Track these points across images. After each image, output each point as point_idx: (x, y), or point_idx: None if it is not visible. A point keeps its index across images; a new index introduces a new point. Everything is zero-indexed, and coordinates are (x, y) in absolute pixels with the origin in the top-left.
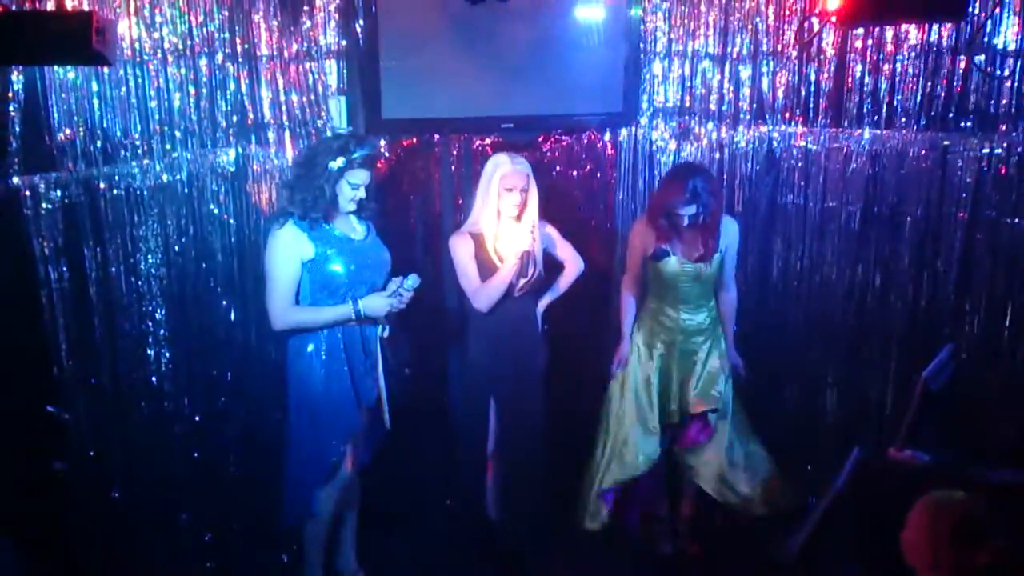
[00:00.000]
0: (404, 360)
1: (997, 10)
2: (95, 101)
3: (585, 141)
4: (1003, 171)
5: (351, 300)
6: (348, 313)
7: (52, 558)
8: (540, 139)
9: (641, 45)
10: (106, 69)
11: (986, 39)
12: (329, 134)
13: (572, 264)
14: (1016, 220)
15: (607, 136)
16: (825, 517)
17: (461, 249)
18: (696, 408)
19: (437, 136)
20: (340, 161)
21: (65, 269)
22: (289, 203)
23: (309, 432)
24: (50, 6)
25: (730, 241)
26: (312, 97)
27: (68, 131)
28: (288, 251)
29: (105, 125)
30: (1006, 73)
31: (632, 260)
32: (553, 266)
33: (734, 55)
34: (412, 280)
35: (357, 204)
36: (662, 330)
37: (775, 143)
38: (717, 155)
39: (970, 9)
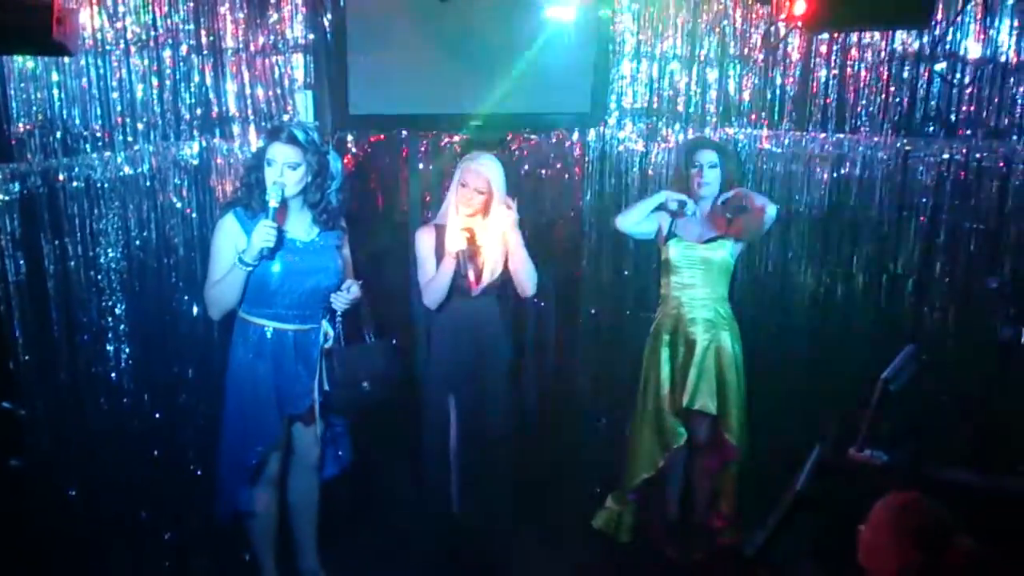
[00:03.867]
0: (366, 373)
1: (959, 19)
2: (55, 91)
3: (554, 140)
4: (962, 176)
5: (238, 257)
6: (239, 270)
7: (7, 557)
8: (509, 137)
9: (610, 46)
10: (67, 59)
11: (948, 47)
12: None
13: (518, 277)
14: (975, 224)
15: (575, 136)
16: (785, 515)
17: (423, 241)
18: (686, 402)
19: (405, 132)
20: (262, 141)
21: (22, 262)
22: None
23: (236, 432)
24: None
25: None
26: (278, 91)
27: (27, 122)
28: (222, 239)
29: (65, 116)
30: (966, 80)
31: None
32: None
33: (702, 58)
34: (355, 289)
35: (282, 191)
36: (668, 319)
37: (741, 145)
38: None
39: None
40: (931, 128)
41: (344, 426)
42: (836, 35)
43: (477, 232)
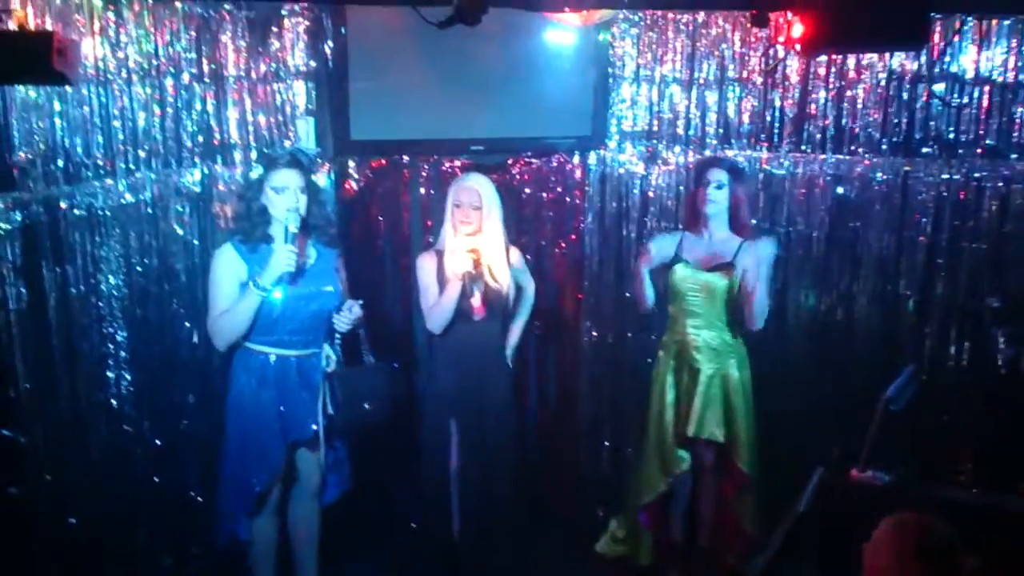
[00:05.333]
0: (366, 394)
1: (956, 39)
2: (57, 120)
3: (554, 164)
4: (962, 196)
5: (252, 282)
6: (255, 296)
7: None
8: (510, 161)
9: (610, 70)
10: (68, 88)
11: (945, 68)
12: None
13: (529, 287)
14: (975, 244)
15: (576, 159)
16: (787, 536)
17: (425, 266)
18: (691, 432)
19: (406, 158)
20: (260, 169)
21: (24, 290)
22: (230, 224)
23: (237, 461)
24: (12, 25)
25: (749, 263)
26: (280, 118)
27: (29, 151)
28: (223, 270)
29: (67, 145)
30: (964, 101)
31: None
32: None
33: (701, 81)
34: (357, 309)
35: (300, 216)
36: (673, 344)
37: (741, 167)
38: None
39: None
40: (930, 149)
41: (345, 451)
42: (833, 57)
43: (480, 254)
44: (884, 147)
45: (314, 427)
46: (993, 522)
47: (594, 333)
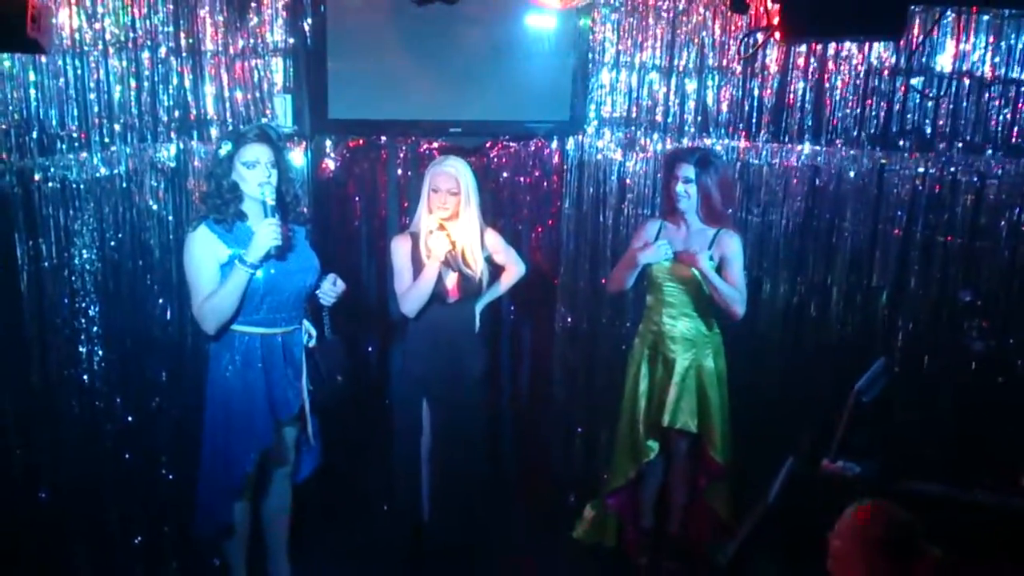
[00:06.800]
0: (337, 368)
1: (935, 32)
2: (32, 91)
3: (532, 148)
4: (937, 190)
5: (237, 260)
6: (243, 273)
7: None
8: (488, 144)
9: (589, 55)
10: (43, 58)
11: (924, 61)
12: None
13: (512, 269)
14: (948, 238)
15: (554, 144)
16: (757, 526)
17: (399, 249)
18: (665, 422)
19: (384, 138)
20: (228, 145)
21: None
22: (201, 205)
23: (222, 442)
24: None
25: (725, 252)
26: (257, 94)
27: (2, 121)
28: (202, 252)
29: (42, 116)
30: (941, 94)
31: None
32: (498, 272)
33: (680, 68)
34: (340, 282)
35: (275, 189)
36: (649, 334)
37: (709, 158)
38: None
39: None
40: (907, 142)
41: (316, 427)
42: (813, 47)
43: (454, 237)
44: (861, 139)
45: (299, 403)
46: (962, 515)
47: (569, 319)
